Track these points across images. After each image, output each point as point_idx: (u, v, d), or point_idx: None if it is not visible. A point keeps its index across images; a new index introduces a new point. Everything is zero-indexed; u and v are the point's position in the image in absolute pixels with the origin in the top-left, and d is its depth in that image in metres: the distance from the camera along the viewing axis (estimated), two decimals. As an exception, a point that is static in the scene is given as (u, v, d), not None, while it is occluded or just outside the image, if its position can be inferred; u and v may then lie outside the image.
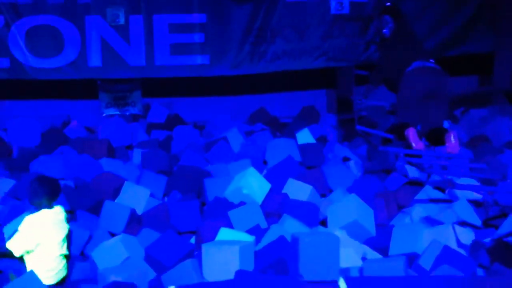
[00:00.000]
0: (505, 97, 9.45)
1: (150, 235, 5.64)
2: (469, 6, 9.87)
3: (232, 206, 6.08)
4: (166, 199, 6.67)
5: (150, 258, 5.26)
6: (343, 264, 4.75)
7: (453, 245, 5.27)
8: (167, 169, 7.15)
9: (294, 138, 7.93)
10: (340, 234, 5.22)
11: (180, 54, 9.45)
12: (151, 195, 6.44)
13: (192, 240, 5.76)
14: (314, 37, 9.95)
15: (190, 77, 9.84)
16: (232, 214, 5.83)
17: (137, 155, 7.51)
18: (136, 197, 6.31)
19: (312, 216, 5.93)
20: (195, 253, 5.43)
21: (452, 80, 9.55)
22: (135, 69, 9.25)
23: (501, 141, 7.92)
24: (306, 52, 9.96)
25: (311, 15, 9.84)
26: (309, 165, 7.32)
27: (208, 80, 9.92)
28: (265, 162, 7.45)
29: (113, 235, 5.83)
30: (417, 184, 6.47)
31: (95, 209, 6.19)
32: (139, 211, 6.26)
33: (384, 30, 7.30)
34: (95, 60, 9.11)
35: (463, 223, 5.69)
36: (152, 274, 5.11)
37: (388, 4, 7.58)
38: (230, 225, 5.72)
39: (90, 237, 5.79)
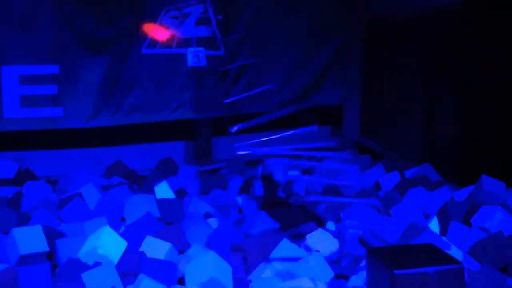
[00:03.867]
0: (355, 147, 9.88)
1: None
2: (320, 60, 10.32)
3: (86, 267, 5.86)
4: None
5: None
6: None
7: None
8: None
9: (153, 191, 7.82)
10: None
11: (31, 106, 9.13)
12: (-1, 259, 6.09)
13: (43, 305, 5.48)
14: (171, 89, 9.99)
15: (43, 130, 9.53)
16: (86, 276, 5.61)
17: (-18, 216, 7.09)
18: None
19: (169, 274, 5.82)
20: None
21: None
22: (-19, 121, 8.84)
23: (352, 190, 8.22)
24: (164, 104, 9.96)
25: (168, 67, 9.90)
26: (168, 221, 7.23)
27: (61, 132, 9.64)
28: (123, 219, 7.27)
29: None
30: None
31: None
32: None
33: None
34: None
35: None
36: None
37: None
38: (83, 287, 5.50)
39: None
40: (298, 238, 6.64)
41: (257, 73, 10.16)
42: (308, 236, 6.39)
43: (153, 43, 9.89)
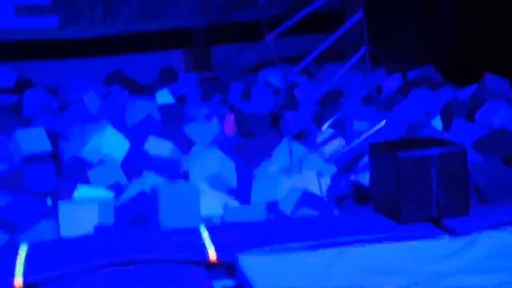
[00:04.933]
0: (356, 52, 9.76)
1: (2, 198, 5.33)
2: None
3: (90, 165, 5.88)
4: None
5: (2, 220, 4.98)
6: (205, 213, 4.72)
7: (313, 190, 5.39)
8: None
9: (154, 98, 7.78)
10: (202, 186, 5.18)
11: (26, 15, 8.95)
12: (2, 158, 6.10)
13: (49, 201, 5.52)
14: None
15: (40, 40, 9.38)
16: (91, 173, 5.63)
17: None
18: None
19: (173, 170, 5.85)
20: (51, 214, 5.20)
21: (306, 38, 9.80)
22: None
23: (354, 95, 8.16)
24: (162, 11, 9.78)
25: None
26: (170, 125, 7.21)
27: (59, 42, 9.50)
28: (124, 123, 7.25)
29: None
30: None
31: None
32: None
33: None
34: None
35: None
36: (4, 237, 4.84)
37: None
38: (89, 184, 5.52)
39: None
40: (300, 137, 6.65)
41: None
42: (317, 133, 6.38)
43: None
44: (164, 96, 7.95)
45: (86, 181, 5.61)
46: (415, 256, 3.95)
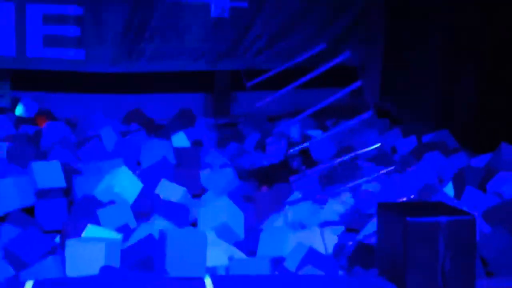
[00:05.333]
0: (373, 110, 9.84)
1: (11, 232, 5.39)
2: (343, 20, 10.23)
3: (101, 204, 5.93)
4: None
5: (9, 254, 5.02)
6: (210, 263, 4.74)
7: (318, 248, 5.40)
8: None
9: (169, 139, 7.87)
10: (209, 234, 5.21)
11: (54, 47, 9.14)
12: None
13: (57, 239, 5.56)
14: (193, 39, 9.96)
15: (64, 72, 9.56)
16: (101, 212, 5.68)
17: (2, 149, 7.17)
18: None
19: (182, 216, 5.89)
20: (58, 251, 5.24)
21: (325, 92, 9.90)
22: (4, 59, 8.85)
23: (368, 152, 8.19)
24: (185, 54, 9.95)
25: (191, 17, 9.86)
26: (184, 168, 7.27)
27: (82, 76, 9.66)
28: (138, 163, 7.33)
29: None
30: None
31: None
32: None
33: None
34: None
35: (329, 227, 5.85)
36: (10, 271, 4.88)
37: None
38: (98, 224, 5.56)
39: None
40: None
41: (279, 30, 10.10)
42: (324, 190, 6.42)
43: (179, -9, 9.84)
44: (180, 139, 8.03)
45: (96, 220, 5.66)
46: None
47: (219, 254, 4.99)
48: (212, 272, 4.62)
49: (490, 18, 8.06)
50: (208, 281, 4.21)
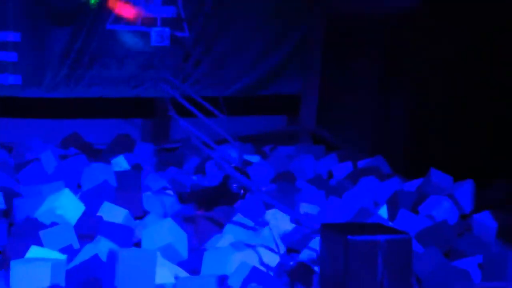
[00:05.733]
0: (310, 136, 10.13)
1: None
2: (281, 50, 10.53)
3: (43, 226, 5.91)
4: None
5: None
6: (158, 281, 4.81)
7: (261, 267, 5.54)
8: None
9: (110, 164, 7.88)
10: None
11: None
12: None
13: (-2, 259, 5.51)
14: (133, 66, 10.05)
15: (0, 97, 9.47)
16: (44, 234, 5.66)
17: None
18: None
19: (126, 238, 5.92)
20: (1, 272, 5.19)
21: (263, 119, 10.15)
22: None
23: (305, 177, 8.44)
24: (124, 80, 10.02)
25: (131, 44, 9.96)
26: (125, 192, 7.30)
27: (18, 101, 9.59)
28: (79, 186, 7.32)
29: None
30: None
31: None
32: None
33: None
34: None
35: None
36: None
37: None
38: (41, 245, 5.54)
39: None
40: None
41: (219, 58, 10.30)
42: (266, 212, 6.57)
43: (118, 19, 9.94)
44: (120, 163, 8.07)
45: (38, 241, 5.63)
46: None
47: (165, 273, 5.06)
48: (159, 290, 4.69)
49: (418, 50, 8.48)
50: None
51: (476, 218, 6.52)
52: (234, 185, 7.25)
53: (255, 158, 9.01)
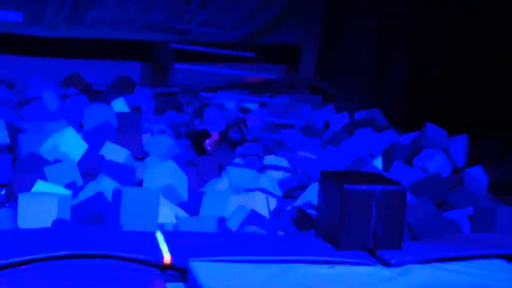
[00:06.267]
0: (308, 86, 10.23)
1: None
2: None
3: (47, 163, 6.04)
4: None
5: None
6: (159, 220, 4.97)
7: (259, 210, 5.71)
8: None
9: (110, 105, 7.98)
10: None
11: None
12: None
13: (2, 192, 5.66)
14: (135, 8, 10.04)
15: (1, 34, 9.47)
16: (48, 169, 5.80)
17: None
18: None
19: (128, 177, 6.07)
20: (6, 205, 5.34)
21: (262, 67, 10.21)
22: None
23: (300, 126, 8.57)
24: (126, 22, 10.02)
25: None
26: (126, 132, 7.42)
27: (21, 38, 9.60)
28: (81, 125, 7.44)
29: None
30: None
31: None
32: None
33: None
34: None
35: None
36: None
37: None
38: (45, 180, 5.68)
39: None
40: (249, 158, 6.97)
41: (221, 5, 10.30)
42: (265, 158, 6.72)
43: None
44: (120, 105, 8.17)
45: (42, 177, 5.77)
46: (352, 280, 4.31)
47: (167, 212, 5.23)
48: (161, 228, 4.86)
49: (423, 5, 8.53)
50: (159, 236, 4.44)
51: (468, 172, 6.70)
52: (234, 134, 7.39)
53: (253, 106, 9.13)
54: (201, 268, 4.09)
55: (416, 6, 8.55)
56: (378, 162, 7.18)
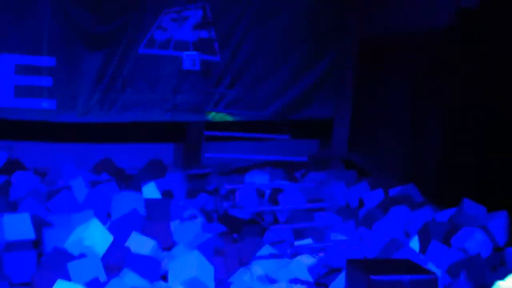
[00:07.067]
0: (342, 162, 10.02)
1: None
2: (314, 72, 10.44)
3: (71, 257, 5.94)
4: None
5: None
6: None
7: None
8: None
9: (140, 190, 7.91)
10: (180, 289, 5.25)
11: (25, 97, 9.19)
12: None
13: (27, 292, 5.56)
14: (165, 90, 10.09)
15: (34, 121, 9.57)
16: (71, 266, 5.69)
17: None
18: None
19: (153, 270, 5.92)
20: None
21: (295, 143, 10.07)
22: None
23: (335, 205, 8.33)
24: (157, 105, 10.05)
25: (163, 68, 10.01)
26: (154, 220, 7.31)
27: (52, 126, 9.69)
28: (108, 215, 7.36)
29: None
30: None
31: None
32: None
33: None
34: None
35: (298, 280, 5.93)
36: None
37: None
38: (68, 277, 5.57)
39: None
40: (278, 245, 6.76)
41: (251, 83, 10.28)
42: (295, 243, 6.51)
43: (151, 43, 10.00)
44: (150, 190, 8.08)
45: (66, 274, 5.66)
46: None
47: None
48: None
49: (457, 70, 8.32)
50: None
51: (510, 252, 6.36)
52: (265, 217, 7.23)
53: (286, 184, 8.95)
54: None
55: (450, 65, 8.29)
56: (414, 243, 6.89)
